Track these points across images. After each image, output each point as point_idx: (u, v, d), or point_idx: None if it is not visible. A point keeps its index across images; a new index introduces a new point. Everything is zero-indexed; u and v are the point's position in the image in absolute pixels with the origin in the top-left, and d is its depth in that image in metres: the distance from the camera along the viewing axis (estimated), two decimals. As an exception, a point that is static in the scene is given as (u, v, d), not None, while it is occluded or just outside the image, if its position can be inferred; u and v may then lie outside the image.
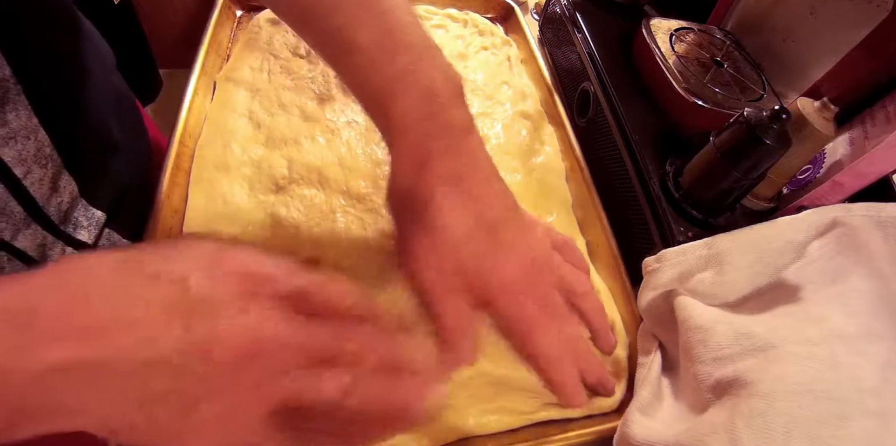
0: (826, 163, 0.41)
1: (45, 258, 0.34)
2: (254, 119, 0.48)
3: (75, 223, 0.36)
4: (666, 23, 0.53)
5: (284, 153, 0.45)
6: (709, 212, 0.41)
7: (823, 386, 0.28)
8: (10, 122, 0.29)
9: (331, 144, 0.46)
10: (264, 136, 0.46)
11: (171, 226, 0.40)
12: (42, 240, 0.33)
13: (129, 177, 0.43)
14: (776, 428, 0.27)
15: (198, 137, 0.45)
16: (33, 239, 0.32)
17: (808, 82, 0.45)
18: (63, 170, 0.35)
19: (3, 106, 0.29)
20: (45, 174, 0.33)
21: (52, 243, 0.34)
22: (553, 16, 0.64)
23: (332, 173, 0.44)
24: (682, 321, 0.35)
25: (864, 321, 0.32)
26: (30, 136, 0.31)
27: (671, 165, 0.44)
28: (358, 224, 0.42)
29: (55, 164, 0.34)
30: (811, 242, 0.35)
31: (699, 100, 0.45)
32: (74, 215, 0.36)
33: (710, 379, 0.31)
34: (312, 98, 0.50)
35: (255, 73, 0.51)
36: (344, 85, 0.50)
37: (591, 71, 0.53)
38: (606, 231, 0.45)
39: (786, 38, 0.51)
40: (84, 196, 0.37)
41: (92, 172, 0.38)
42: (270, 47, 0.54)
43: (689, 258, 0.36)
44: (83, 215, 0.37)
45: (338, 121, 0.48)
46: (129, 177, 0.43)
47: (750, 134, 0.36)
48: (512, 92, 0.57)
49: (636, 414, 0.33)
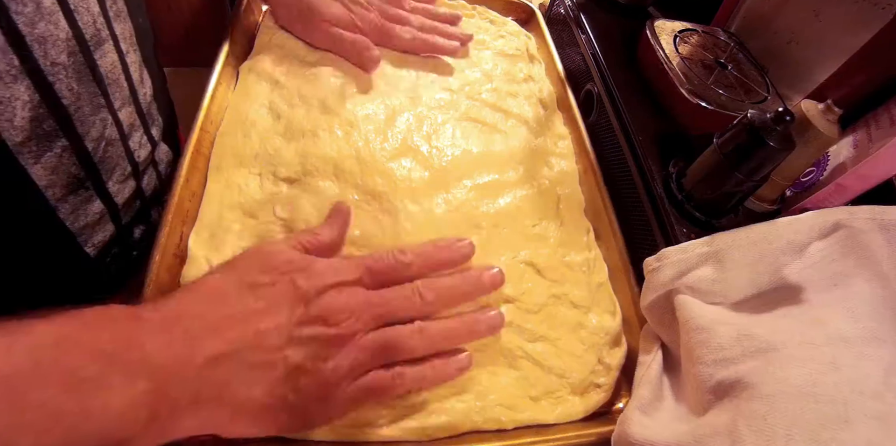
0: (830, 165, 0.41)
1: (128, 139, 0.40)
2: (274, 110, 0.48)
3: (151, 121, 0.44)
4: (670, 24, 0.53)
5: (301, 144, 0.45)
6: (712, 213, 0.41)
7: (825, 389, 0.28)
8: (118, 2, 0.37)
9: (348, 137, 0.46)
10: (283, 127, 0.46)
11: (188, 210, 0.40)
12: (133, 121, 0.40)
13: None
14: (778, 431, 0.27)
15: (219, 125, 0.46)
16: (128, 117, 0.39)
17: (813, 84, 0.45)
18: (143, 66, 0.42)
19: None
20: (136, 59, 0.40)
21: (136, 127, 0.41)
22: (557, 17, 0.64)
23: (348, 165, 0.44)
24: (684, 321, 0.35)
25: (867, 324, 0.32)
26: (126, 20, 0.38)
27: (674, 167, 0.44)
28: (373, 224, 0.41)
29: (139, 55, 0.41)
30: (812, 243, 0.35)
31: (703, 101, 0.45)
32: (152, 112, 0.44)
33: (712, 380, 0.31)
34: (333, 91, 0.50)
35: (277, 65, 0.51)
36: (359, 80, 0.52)
37: (594, 72, 0.53)
38: (617, 236, 0.45)
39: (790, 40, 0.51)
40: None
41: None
42: (292, 39, 0.54)
43: (690, 256, 0.36)
44: (156, 120, 0.45)
45: (357, 114, 0.48)
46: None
47: (753, 136, 0.36)
48: (532, 83, 0.58)
49: (636, 412, 0.33)
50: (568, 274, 0.44)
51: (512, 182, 0.48)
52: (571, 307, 0.42)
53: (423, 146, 0.48)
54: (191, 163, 0.41)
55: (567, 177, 0.51)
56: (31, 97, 0.30)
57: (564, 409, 0.38)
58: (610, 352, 0.41)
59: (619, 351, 0.41)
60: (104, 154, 0.36)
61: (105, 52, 0.35)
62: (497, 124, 0.52)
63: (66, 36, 0.31)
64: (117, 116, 0.37)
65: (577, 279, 0.44)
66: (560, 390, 0.38)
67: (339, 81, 0.51)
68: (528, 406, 0.37)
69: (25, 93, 0.29)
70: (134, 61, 0.39)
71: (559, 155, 0.52)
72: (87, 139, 0.34)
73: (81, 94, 0.33)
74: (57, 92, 0.31)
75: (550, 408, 0.38)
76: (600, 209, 0.48)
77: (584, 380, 0.39)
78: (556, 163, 0.51)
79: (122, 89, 0.37)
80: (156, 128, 0.43)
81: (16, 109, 0.29)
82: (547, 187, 0.49)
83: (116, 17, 0.36)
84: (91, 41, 0.33)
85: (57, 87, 0.31)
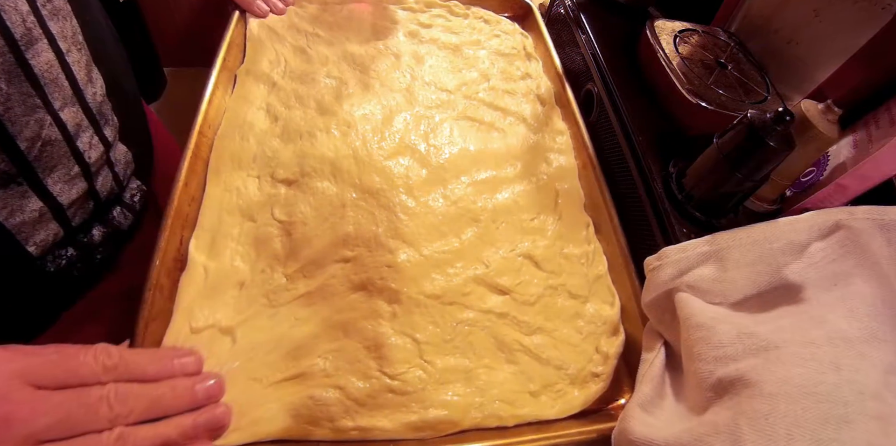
0: (829, 165, 0.41)
1: (75, 140, 0.38)
2: (271, 112, 0.48)
3: (104, 121, 0.42)
4: (670, 24, 0.53)
5: (299, 146, 0.45)
6: (712, 213, 0.41)
7: (826, 389, 0.28)
8: (53, 1, 0.35)
9: (346, 137, 0.46)
10: (280, 129, 0.46)
11: (188, 214, 0.40)
12: (79, 121, 0.38)
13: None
14: (779, 431, 0.27)
15: (217, 128, 0.46)
16: (73, 117, 0.38)
17: (813, 84, 0.45)
18: (93, 65, 0.40)
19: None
20: (81, 58, 0.38)
21: (85, 127, 0.39)
22: (557, 17, 0.64)
23: (346, 165, 0.44)
24: (684, 319, 0.35)
25: (867, 324, 0.32)
26: (67, 18, 0.37)
27: (674, 167, 0.44)
28: (369, 219, 0.42)
29: (87, 54, 0.39)
30: (812, 243, 0.35)
31: (703, 101, 0.45)
32: (104, 112, 0.42)
33: (712, 377, 0.31)
34: (329, 92, 0.50)
35: (273, 67, 0.51)
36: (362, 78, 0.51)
37: (594, 72, 0.53)
38: (617, 230, 0.46)
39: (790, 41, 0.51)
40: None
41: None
42: (286, 41, 0.54)
43: (690, 255, 0.36)
44: (109, 120, 0.43)
45: (354, 114, 0.48)
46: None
47: (753, 136, 0.36)
48: (529, 81, 0.58)
49: (636, 409, 0.33)
50: (565, 265, 0.44)
51: (510, 178, 0.48)
52: (569, 297, 0.43)
53: (421, 145, 0.48)
54: (189, 167, 0.41)
55: (566, 173, 0.51)
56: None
57: (564, 404, 0.38)
58: (607, 341, 0.41)
59: (616, 340, 0.41)
60: (41, 153, 0.35)
61: (39, 52, 0.34)
62: (495, 122, 0.52)
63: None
64: (58, 116, 0.36)
65: (574, 270, 0.44)
66: (559, 382, 0.39)
67: (335, 82, 0.51)
68: (527, 401, 0.37)
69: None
70: (77, 60, 0.37)
71: (558, 150, 0.53)
72: (19, 139, 0.34)
73: (11, 94, 0.32)
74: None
75: (550, 404, 0.38)
76: (600, 203, 0.48)
77: (583, 370, 0.39)
78: (555, 159, 0.52)
79: (62, 89, 0.36)
80: (110, 129, 0.42)
81: None
82: (545, 182, 0.49)
83: (53, 16, 0.35)
84: (21, 40, 0.32)
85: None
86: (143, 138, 0.50)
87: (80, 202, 0.40)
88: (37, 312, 0.41)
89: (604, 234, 0.47)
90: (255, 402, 0.34)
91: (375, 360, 0.36)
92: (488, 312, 0.40)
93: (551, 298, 0.42)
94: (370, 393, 0.35)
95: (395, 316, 0.38)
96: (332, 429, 0.33)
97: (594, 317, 0.42)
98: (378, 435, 0.34)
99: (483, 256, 0.42)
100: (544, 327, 0.40)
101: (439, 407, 0.35)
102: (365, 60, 0.54)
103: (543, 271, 0.43)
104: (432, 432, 0.35)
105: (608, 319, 0.42)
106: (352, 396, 0.34)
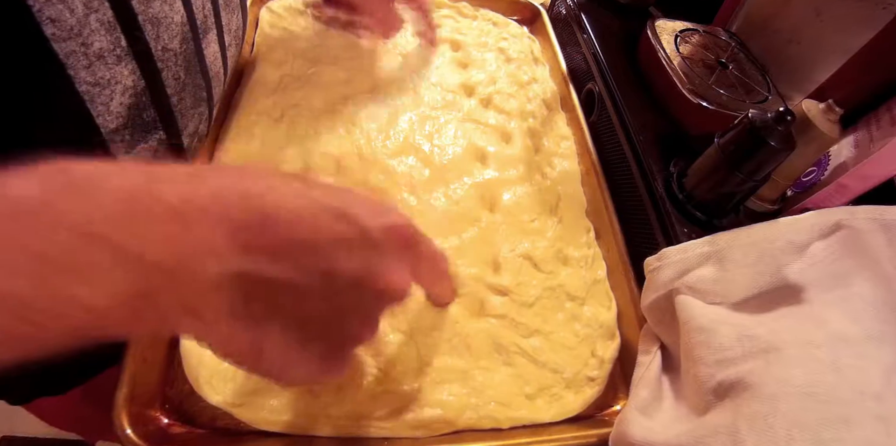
0: (831, 165, 0.41)
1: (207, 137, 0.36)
2: (277, 108, 0.48)
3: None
4: (671, 24, 0.53)
5: (304, 142, 0.45)
6: (713, 213, 0.41)
7: (826, 390, 0.28)
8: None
9: (350, 135, 0.46)
10: (286, 125, 0.46)
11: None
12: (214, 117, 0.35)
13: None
14: (779, 432, 0.27)
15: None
16: (219, 115, 0.35)
17: (814, 84, 0.45)
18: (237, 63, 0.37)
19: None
20: (235, 54, 0.36)
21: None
22: (558, 16, 0.64)
23: (350, 163, 0.44)
24: (684, 322, 0.34)
25: (868, 325, 0.32)
26: (235, 11, 0.34)
27: (675, 166, 0.44)
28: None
29: (237, 51, 0.37)
30: (813, 243, 0.35)
31: (704, 101, 0.45)
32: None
33: (712, 380, 0.31)
34: (336, 90, 0.50)
35: (280, 64, 0.51)
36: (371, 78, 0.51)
37: (595, 72, 0.53)
38: (618, 236, 0.45)
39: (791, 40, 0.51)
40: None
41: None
42: (292, 36, 0.54)
43: (690, 255, 0.36)
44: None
45: (360, 113, 0.48)
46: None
47: (754, 136, 0.36)
48: (535, 85, 0.58)
49: (634, 413, 0.33)
50: (564, 266, 0.44)
51: (512, 180, 0.48)
52: (567, 299, 0.43)
53: (425, 145, 0.48)
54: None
55: (569, 178, 0.51)
56: (134, 83, 0.27)
57: (560, 407, 0.38)
58: (603, 345, 0.41)
59: (612, 345, 0.41)
60: (195, 150, 0.33)
61: (209, 43, 0.32)
62: (499, 125, 0.52)
63: (181, 20, 0.28)
64: (212, 113, 0.34)
65: (573, 272, 0.44)
66: (554, 386, 0.38)
67: (341, 80, 0.51)
68: (523, 404, 0.37)
69: (129, 77, 0.26)
70: (233, 55, 0.35)
71: (561, 155, 0.53)
72: (184, 134, 0.31)
73: (187, 84, 0.30)
74: (163, 80, 0.28)
75: (546, 407, 0.38)
76: (601, 209, 0.48)
77: (578, 374, 0.39)
78: (559, 164, 0.52)
79: (220, 84, 0.34)
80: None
81: (114, 93, 0.26)
82: (548, 186, 0.49)
83: (226, 6, 0.33)
84: (200, 28, 0.30)
85: (164, 75, 0.28)
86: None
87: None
88: None
89: (604, 241, 0.47)
90: (266, 391, 0.34)
91: (373, 357, 0.36)
92: (487, 313, 0.40)
93: (549, 300, 0.42)
94: (366, 390, 0.35)
95: (394, 313, 0.38)
96: (329, 425, 0.33)
97: (591, 320, 0.42)
98: (374, 432, 0.34)
99: (483, 256, 0.42)
100: (542, 329, 0.40)
101: (435, 406, 0.35)
102: (372, 59, 0.54)
103: (542, 272, 0.43)
104: (427, 431, 0.35)
105: (605, 323, 0.42)
106: (348, 393, 0.35)
